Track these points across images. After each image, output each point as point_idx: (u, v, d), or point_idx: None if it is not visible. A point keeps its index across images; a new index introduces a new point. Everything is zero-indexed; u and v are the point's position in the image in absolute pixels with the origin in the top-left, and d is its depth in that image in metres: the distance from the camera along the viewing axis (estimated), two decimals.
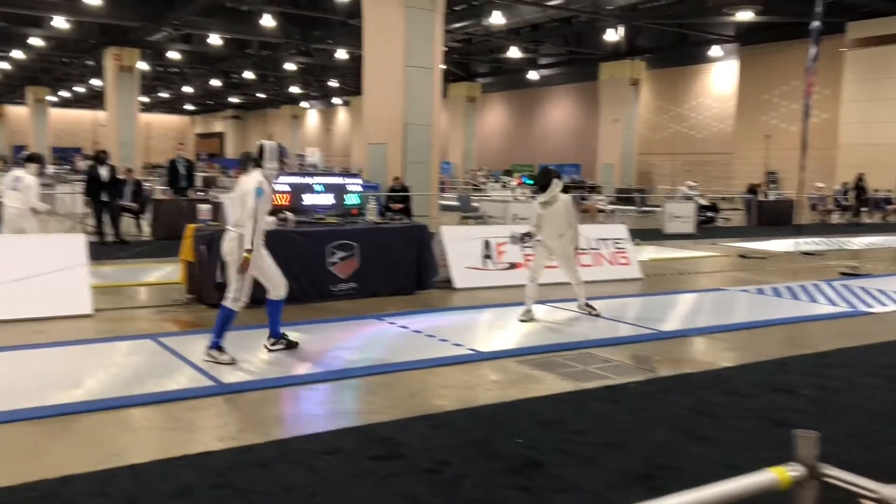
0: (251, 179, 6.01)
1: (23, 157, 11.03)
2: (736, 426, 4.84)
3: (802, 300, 9.90)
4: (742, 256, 14.65)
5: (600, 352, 6.78)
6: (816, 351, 6.99)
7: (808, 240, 17.36)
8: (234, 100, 65.01)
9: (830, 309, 9.25)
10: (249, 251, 5.87)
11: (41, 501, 3.55)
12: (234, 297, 6.03)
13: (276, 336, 6.52)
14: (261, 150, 6.17)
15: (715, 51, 34.93)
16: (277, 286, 6.37)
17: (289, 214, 6.86)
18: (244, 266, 5.92)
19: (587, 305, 8.46)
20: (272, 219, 6.56)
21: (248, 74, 48.08)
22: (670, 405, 5.25)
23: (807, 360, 6.60)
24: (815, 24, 14.37)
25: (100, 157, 14.17)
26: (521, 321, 8.01)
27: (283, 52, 38.21)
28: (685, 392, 5.57)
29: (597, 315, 8.33)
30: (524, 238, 8.28)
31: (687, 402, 5.32)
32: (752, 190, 23.42)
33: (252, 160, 6.23)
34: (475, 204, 19.42)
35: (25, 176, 10.02)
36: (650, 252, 14.72)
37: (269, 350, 6.45)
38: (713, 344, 7.31)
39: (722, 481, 1.86)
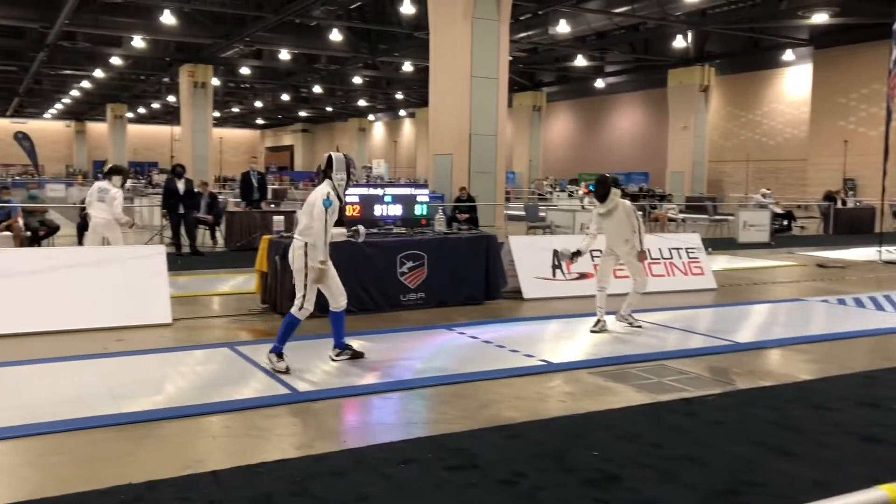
0: (320, 190, 6.11)
1: (107, 169, 11.38)
2: (823, 441, 4.66)
3: (888, 311, 9.50)
4: (820, 266, 14.18)
5: (675, 363, 6.63)
6: None
7: (891, 248, 16.67)
8: (302, 113, 66.30)
9: None
10: (323, 262, 5.97)
11: None
12: (300, 304, 6.11)
13: (341, 347, 6.57)
14: (329, 161, 6.26)
15: (788, 55, 34.01)
16: (337, 297, 6.44)
17: (360, 228, 6.90)
18: (318, 277, 6.03)
19: (630, 315, 8.24)
20: (341, 230, 6.63)
21: (317, 88, 48.97)
22: (751, 419, 5.09)
23: None
24: None
25: (177, 171, 14.60)
26: (593, 332, 7.91)
27: (350, 65, 38.80)
28: (766, 405, 5.39)
29: (638, 327, 8.11)
30: (574, 257, 8.18)
31: (769, 415, 5.15)
32: (830, 197, 22.66)
33: (321, 171, 6.33)
34: (542, 213, 19.29)
35: (111, 188, 10.31)
36: (723, 262, 14.38)
37: (333, 360, 6.51)
38: (793, 356, 7.07)
39: (828, 499, 1.78)
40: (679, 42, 34.00)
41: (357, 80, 44.44)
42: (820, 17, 26.86)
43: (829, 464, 4.30)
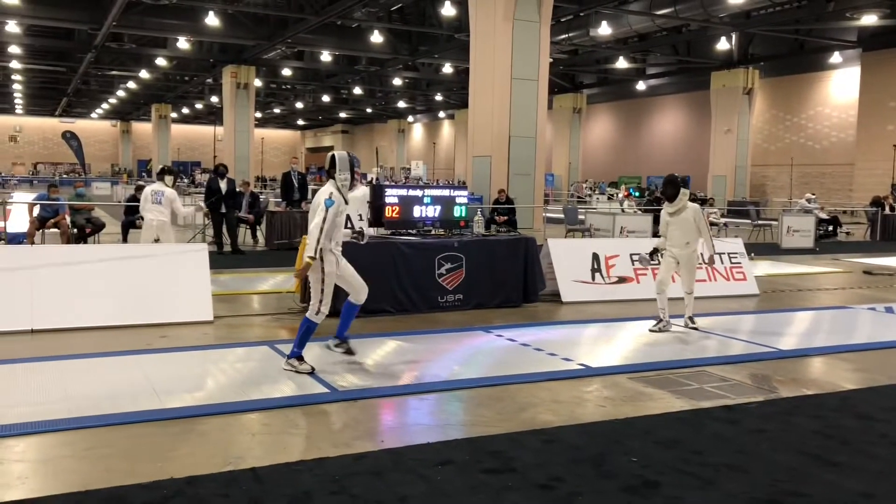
0: (323, 191, 6.16)
1: (158, 170, 11.60)
2: (869, 452, 4.55)
3: None
4: (867, 273, 13.86)
5: (716, 370, 6.53)
6: None
7: None
8: (342, 114, 66.82)
9: None
10: (311, 257, 5.93)
11: (170, 500, 3.70)
12: (316, 308, 6.13)
13: (342, 338, 6.65)
14: (332, 161, 6.24)
15: (835, 57, 33.36)
16: (358, 291, 6.50)
17: (363, 229, 6.92)
18: (302, 270, 6.04)
19: (690, 319, 8.29)
20: (346, 231, 6.66)
21: (357, 90, 49.33)
22: (795, 428, 4.99)
23: None
24: None
25: (219, 171, 14.80)
26: (652, 331, 8.03)
27: (390, 67, 39.00)
28: (810, 414, 5.29)
29: (695, 329, 8.19)
30: (652, 256, 8.35)
31: (813, 424, 5.05)
32: (877, 202, 22.15)
33: (324, 171, 6.33)
34: (581, 216, 19.17)
35: (164, 189, 10.47)
36: (766, 267, 14.14)
37: (331, 350, 6.61)
38: (838, 364, 6.93)
39: None
40: (722, 44, 33.53)
41: (397, 81, 44.64)
42: (869, 19, 26.31)
43: (875, 475, 4.20)
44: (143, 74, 42.05)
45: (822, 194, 32.29)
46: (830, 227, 21.27)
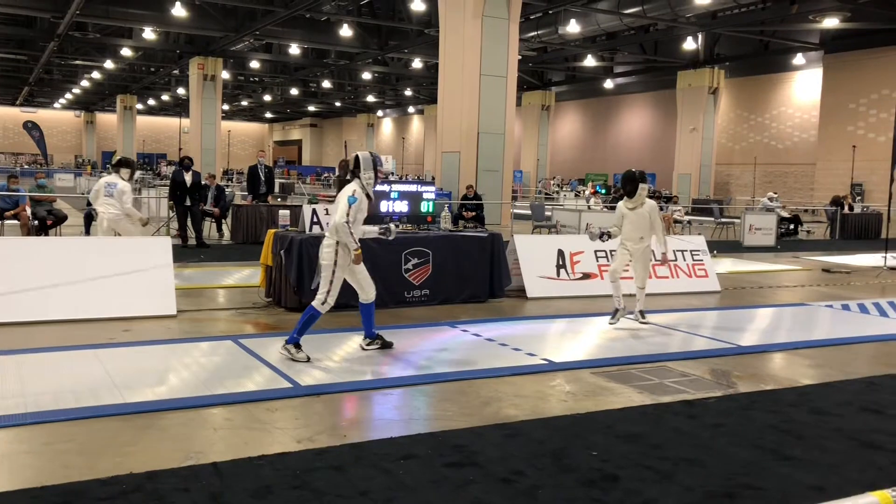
0: (347, 189, 6.42)
1: (114, 162, 11.24)
2: (824, 446, 4.66)
3: (892, 317, 9.50)
4: (826, 271, 14.15)
5: (677, 365, 6.64)
6: None
7: None
8: (311, 108, 66.42)
9: None
10: (357, 249, 6.31)
11: (129, 495, 3.67)
12: (322, 299, 6.34)
13: (371, 336, 6.81)
14: (356, 161, 6.52)
15: (798, 59, 33.93)
16: (366, 290, 6.68)
17: (391, 226, 7.08)
18: (357, 261, 6.40)
19: (641, 313, 8.45)
20: (373, 228, 6.91)
21: (326, 83, 49.06)
22: (752, 422, 5.09)
23: None
24: None
25: (184, 163, 14.64)
26: (611, 324, 8.16)
27: (359, 61, 38.84)
28: (767, 409, 5.39)
29: (645, 323, 8.34)
30: (603, 236, 8.48)
31: (770, 419, 5.16)
32: (837, 202, 22.60)
33: (349, 171, 6.62)
34: (548, 213, 19.29)
35: (118, 181, 10.08)
36: (728, 265, 14.37)
37: (365, 349, 6.76)
38: (796, 360, 7.07)
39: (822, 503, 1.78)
40: (689, 44, 33.95)
41: (366, 75, 44.48)
42: (831, 22, 26.78)
43: (827, 469, 4.30)
44: (108, 65, 41.39)
45: (784, 193, 32.87)
46: (792, 226, 21.65)
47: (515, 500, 3.77)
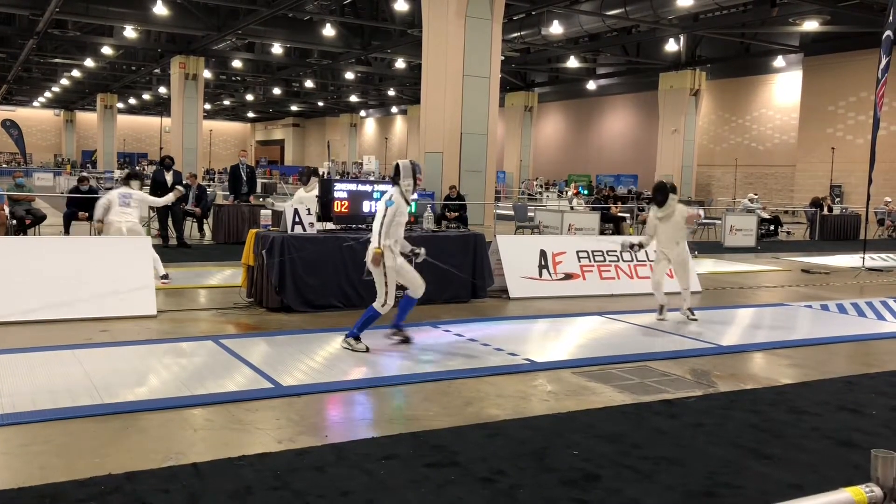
0: (386, 195, 6.78)
1: (125, 174, 11.52)
2: (802, 445, 4.70)
3: (869, 317, 9.60)
4: (805, 271, 14.28)
5: (658, 365, 6.67)
6: (885, 370, 6.75)
7: (875, 255, 16.82)
8: (294, 108, 66.20)
9: None
10: (377, 248, 6.58)
11: (107, 496, 3.64)
12: (382, 301, 6.74)
13: (397, 327, 7.21)
14: (396, 169, 6.85)
15: (778, 61, 34.25)
16: (416, 287, 7.05)
17: (422, 250, 7.19)
18: (374, 261, 6.63)
19: (689, 311, 8.82)
20: (405, 243, 7.06)
21: (309, 83, 48.92)
22: (732, 421, 5.13)
23: (876, 379, 6.38)
24: (888, 33, 13.93)
25: (165, 163, 14.53)
26: (659, 319, 8.61)
27: (342, 61, 38.76)
28: (747, 409, 5.43)
29: (694, 320, 8.70)
30: (633, 248, 8.98)
31: (749, 418, 5.20)
32: (816, 203, 22.83)
33: (389, 178, 7.01)
34: (530, 214, 19.34)
35: (133, 191, 10.21)
36: (709, 265, 14.47)
37: (389, 338, 7.15)
38: (775, 360, 7.13)
39: (795, 500, 1.80)
40: (671, 46, 34.17)
41: (349, 75, 44.39)
42: (810, 25, 27.07)
43: (805, 467, 4.34)
44: (88, 63, 41.04)
45: (764, 195, 33.16)
46: (772, 227, 21.84)
47: (496, 499, 3.78)
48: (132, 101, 62.25)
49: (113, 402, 5.07)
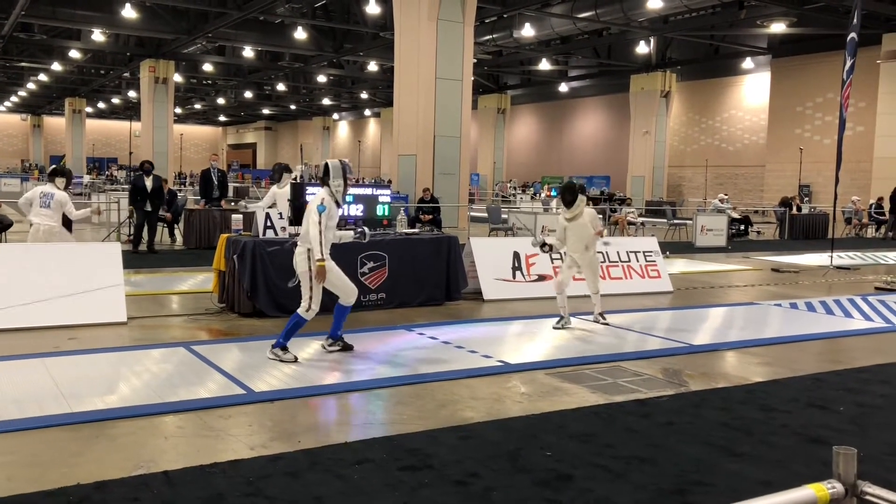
0: (316, 197, 6.49)
1: (49, 171, 10.44)
2: (771, 442, 4.76)
3: (837, 315, 9.75)
4: (775, 270, 14.47)
5: (630, 365, 6.72)
6: (853, 367, 6.86)
7: (843, 254, 17.11)
8: (266, 111, 65.78)
9: (866, 324, 9.08)
10: (321, 261, 6.26)
11: None
12: (306, 306, 6.46)
13: (335, 338, 6.92)
14: (325, 169, 6.60)
15: (747, 63, 34.68)
16: (348, 294, 6.77)
17: (366, 229, 7.15)
18: (319, 275, 6.32)
19: (601, 315, 8.61)
20: (348, 232, 7.03)
21: (281, 86, 48.65)
22: (703, 420, 5.18)
23: (843, 377, 6.48)
24: (852, 35, 14.17)
25: (145, 168, 14.32)
26: (556, 328, 8.19)
27: (314, 64, 38.61)
28: (718, 407, 5.49)
29: (606, 324, 8.48)
30: (544, 246, 8.58)
31: (720, 417, 5.26)
32: (785, 203, 23.14)
33: (318, 179, 6.70)
34: (504, 216, 19.40)
35: (55, 191, 9.52)
36: (681, 265, 14.61)
37: (327, 350, 6.86)
38: (746, 358, 7.22)
39: (759, 498, 1.83)
40: (641, 48, 34.46)
41: (321, 78, 44.24)
42: (778, 27, 27.45)
43: (774, 464, 4.40)
44: (56, 67, 40.47)
45: (735, 195, 33.55)
46: (742, 227, 22.09)
47: (470, 502, 3.78)
48: (101, 105, 61.50)
49: (82, 411, 5.00)
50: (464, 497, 3.84)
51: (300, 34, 30.54)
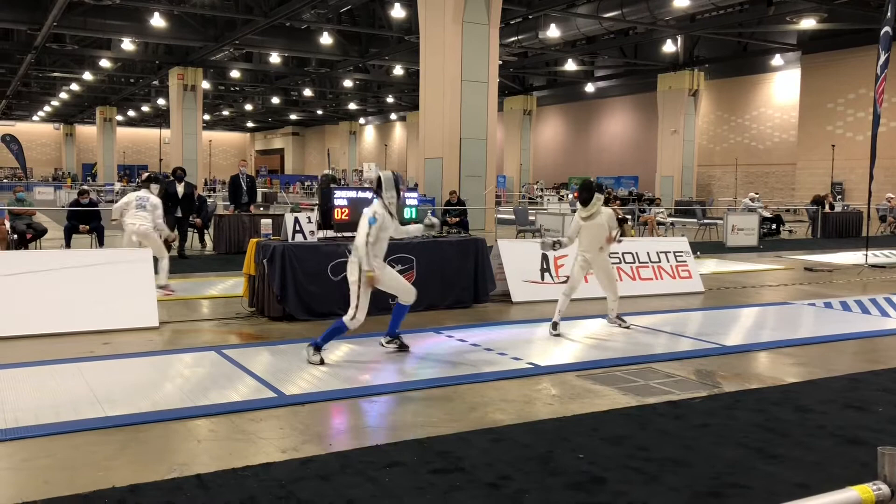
0: (369, 209, 6.63)
1: (144, 178, 11.46)
2: (808, 444, 4.68)
3: (873, 314, 9.57)
4: (808, 269, 14.25)
5: (662, 366, 6.65)
6: (891, 367, 6.72)
7: (878, 252, 16.79)
8: (293, 116, 66.27)
9: None
10: (369, 271, 6.41)
11: None
12: (352, 314, 6.53)
13: (393, 335, 7.11)
14: (378, 181, 6.73)
15: (776, 60, 34.25)
16: (406, 293, 6.98)
17: (434, 219, 7.20)
18: (368, 283, 6.48)
19: (618, 318, 8.42)
20: (417, 226, 7.23)
21: (307, 92, 48.99)
22: (737, 422, 5.11)
23: (881, 377, 6.36)
24: (886, 29, 13.92)
25: (177, 174, 14.46)
26: (553, 335, 7.92)
27: (340, 69, 38.80)
28: (752, 408, 5.41)
29: (626, 328, 8.30)
30: (554, 245, 8.39)
31: (755, 418, 5.17)
32: (818, 201, 22.80)
33: (372, 191, 6.90)
34: (531, 217, 19.33)
35: (150, 196, 10.24)
36: (712, 265, 14.45)
37: (384, 346, 7.08)
38: (780, 359, 7.11)
39: (801, 499, 1.78)
40: (668, 47, 34.18)
41: (348, 83, 44.46)
42: (808, 23, 27.06)
43: (812, 466, 4.32)
44: (87, 76, 41.11)
45: (765, 193, 33.12)
46: (773, 226, 21.81)
47: None
48: (131, 113, 62.36)
49: (116, 415, 5.05)
50: (496, 500, 3.81)
51: (326, 39, 30.72)
